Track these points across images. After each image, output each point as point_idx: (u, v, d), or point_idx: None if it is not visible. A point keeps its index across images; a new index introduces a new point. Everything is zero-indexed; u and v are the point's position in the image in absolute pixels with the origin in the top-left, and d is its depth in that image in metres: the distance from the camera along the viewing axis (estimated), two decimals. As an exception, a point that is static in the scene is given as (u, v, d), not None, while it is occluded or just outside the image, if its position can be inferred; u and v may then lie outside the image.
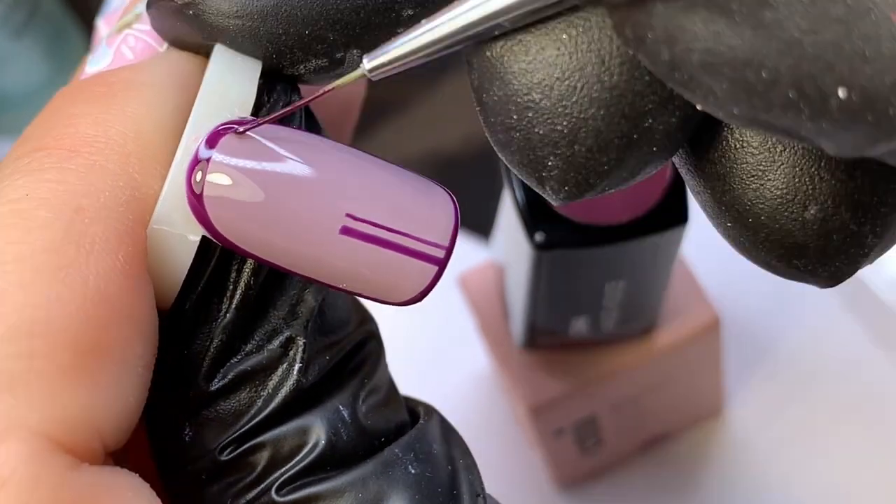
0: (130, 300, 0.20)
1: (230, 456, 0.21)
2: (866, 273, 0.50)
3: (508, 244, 0.41)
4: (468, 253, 0.53)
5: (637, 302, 0.41)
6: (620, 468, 0.52)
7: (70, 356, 0.19)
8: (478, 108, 0.20)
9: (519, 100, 0.19)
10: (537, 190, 0.20)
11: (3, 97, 0.60)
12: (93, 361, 0.19)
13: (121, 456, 0.21)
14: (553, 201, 0.20)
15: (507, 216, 0.40)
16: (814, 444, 0.51)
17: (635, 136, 0.19)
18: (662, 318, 0.44)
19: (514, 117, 0.20)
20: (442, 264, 0.22)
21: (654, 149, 0.20)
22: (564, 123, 0.19)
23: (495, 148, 0.20)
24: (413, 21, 0.21)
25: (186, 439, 0.22)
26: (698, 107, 0.18)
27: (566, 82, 0.19)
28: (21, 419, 0.19)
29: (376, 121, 0.60)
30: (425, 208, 0.22)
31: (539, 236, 0.36)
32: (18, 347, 0.19)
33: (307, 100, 0.21)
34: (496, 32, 0.19)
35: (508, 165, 0.20)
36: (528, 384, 0.44)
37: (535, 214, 0.37)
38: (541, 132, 0.19)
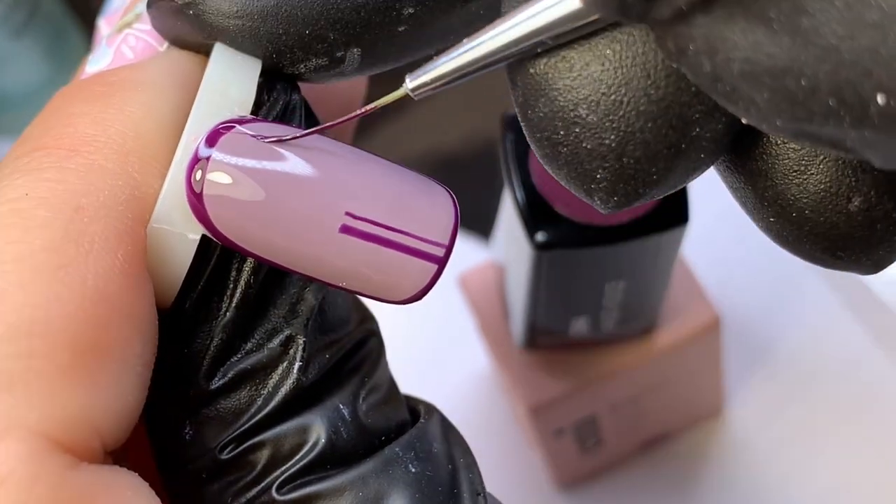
0: (130, 299, 0.20)
1: (230, 455, 0.21)
2: (866, 273, 0.50)
3: (509, 244, 0.41)
4: (468, 253, 0.53)
5: (637, 302, 0.41)
6: (620, 468, 0.52)
7: (69, 356, 0.19)
8: (523, 124, 0.20)
9: (565, 116, 0.19)
10: (586, 200, 0.20)
11: (3, 97, 0.60)
12: (92, 361, 0.19)
13: (120, 455, 0.21)
14: (601, 210, 0.20)
15: (508, 216, 0.40)
16: (814, 443, 0.51)
17: (683, 146, 0.19)
18: (662, 318, 0.44)
19: (561, 133, 0.20)
20: (442, 263, 0.22)
21: (702, 155, 0.20)
22: (612, 137, 0.19)
23: (542, 161, 0.20)
24: (413, 19, 0.21)
25: (186, 438, 0.22)
26: (743, 120, 0.18)
27: (612, 97, 0.19)
28: (20, 419, 0.19)
29: (376, 121, 0.60)
30: (425, 207, 0.22)
31: (539, 236, 0.36)
32: (18, 347, 0.19)
33: (347, 118, 0.21)
34: (539, 50, 0.19)
35: (556, 178, 0.20)
36: (528, 384, 0.44)
37: (535, 214, 0.37)
38: (588, 146, 0.19)
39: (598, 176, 0.20)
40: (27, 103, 0.60)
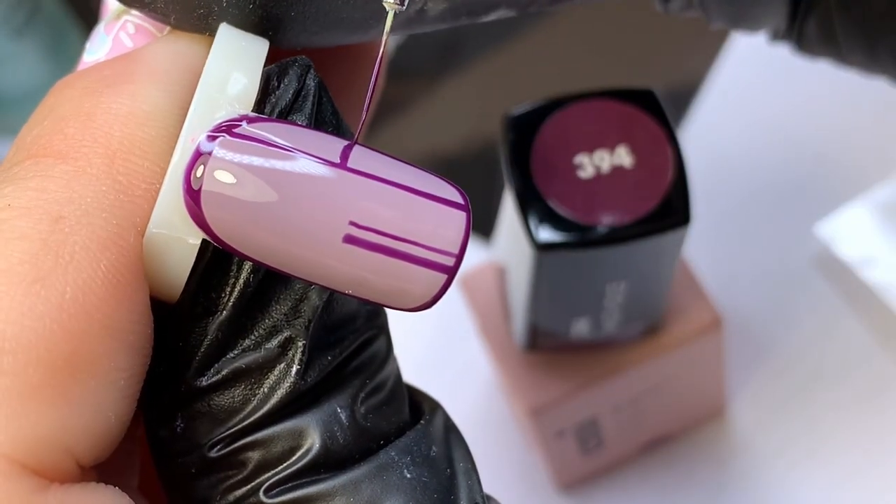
0: (113, 310, 0.20)
1: (219, 453, 0.21)
2: (866, 273, 0.50)
3: (509, 245, 0.41)
4: (468, 253, 0.53)
5: (639, 303, 0.41)
6: (622, 469, 0.52)
7: (41, 373, 0.19)
8: None
9: None
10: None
11: (3, 97, 0.60)
12: (67, 377, 0.19)
13: (129, 453, 0.21)
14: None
15: (508, 217, 0.40)
16: (816, 444, 0.51)
17: None
18: (664, 319, 0.44)
19: None
20: (452, 272, 0.21)
21: None
22: None
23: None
24: None
25: (177, 431, 0.21)
26: None
27: None
28: None
29: (376, 121, 0.60)
30: (435, 213, 0.21)
31: (540, 237, 0.36)
32: None
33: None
34: None
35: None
36: (529, 385, 0.44)
37: (536, 215, 0.36)
38: None
39: None
40: (27, 103, 0.60)
